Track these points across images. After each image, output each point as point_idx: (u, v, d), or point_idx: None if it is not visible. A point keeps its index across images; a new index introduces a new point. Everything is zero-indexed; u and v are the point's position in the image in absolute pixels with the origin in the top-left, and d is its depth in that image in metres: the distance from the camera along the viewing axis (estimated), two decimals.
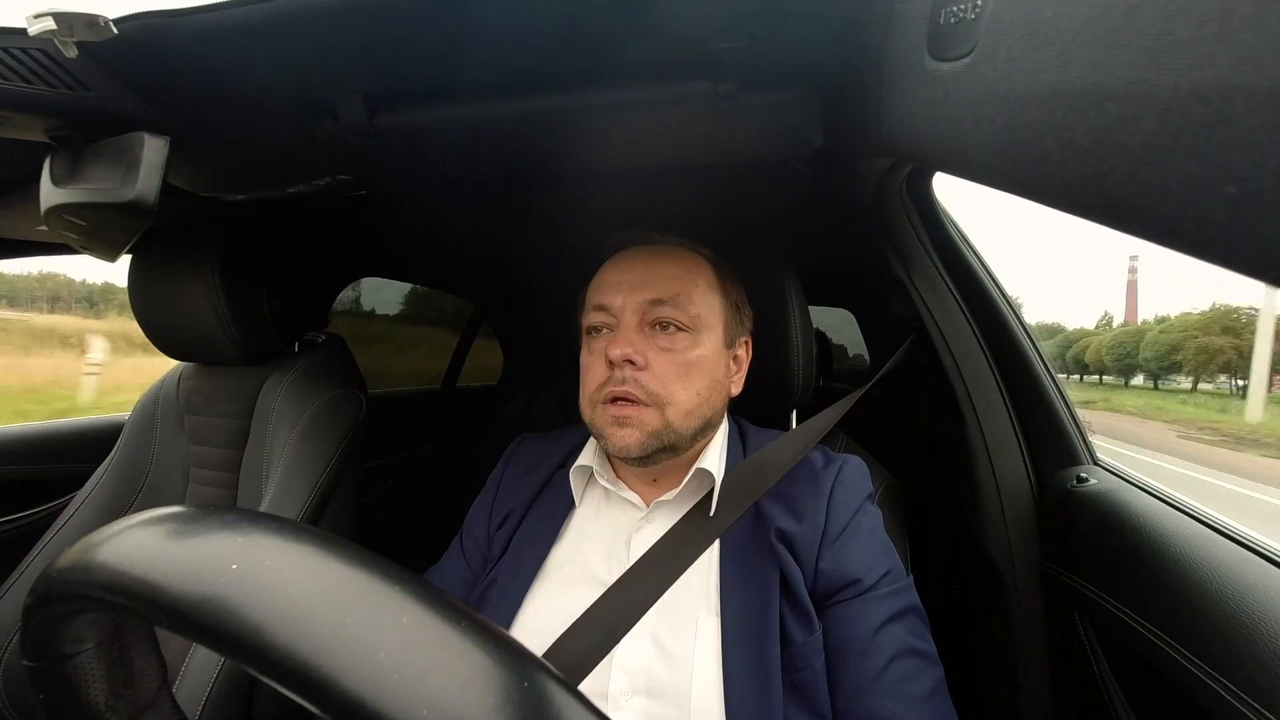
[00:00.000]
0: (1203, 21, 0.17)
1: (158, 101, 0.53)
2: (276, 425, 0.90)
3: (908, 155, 0.53)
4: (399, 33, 0.45)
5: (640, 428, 0.57)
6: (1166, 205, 0.19)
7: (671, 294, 0.60)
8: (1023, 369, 0.85)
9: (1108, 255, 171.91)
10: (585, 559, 0.61)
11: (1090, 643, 0.68)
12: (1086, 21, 0.21)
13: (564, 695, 0.19)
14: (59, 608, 0.23)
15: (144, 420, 0.99)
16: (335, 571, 0.20)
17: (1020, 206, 14.83)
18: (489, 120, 0.57)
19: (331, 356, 1.00)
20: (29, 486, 1.08)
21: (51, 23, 0.40)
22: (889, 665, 0.51)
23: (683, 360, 0.59)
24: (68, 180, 0.55)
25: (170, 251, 0.88)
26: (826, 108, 0.55)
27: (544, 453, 0.72)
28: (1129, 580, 0.62)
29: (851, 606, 0.54)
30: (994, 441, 0.84)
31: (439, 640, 0.19)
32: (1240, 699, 0.46)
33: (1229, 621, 0.49)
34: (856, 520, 0.58)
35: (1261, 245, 0.17)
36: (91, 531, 0.23)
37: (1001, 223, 20.57)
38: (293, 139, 0.64)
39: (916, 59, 0.35)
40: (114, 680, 0.27)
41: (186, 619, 0.19)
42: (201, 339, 0.89)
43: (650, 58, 0.48)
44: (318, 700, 0.17)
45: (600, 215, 1.03)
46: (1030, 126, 0.25)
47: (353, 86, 0.53)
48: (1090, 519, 0.71)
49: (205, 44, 0.46)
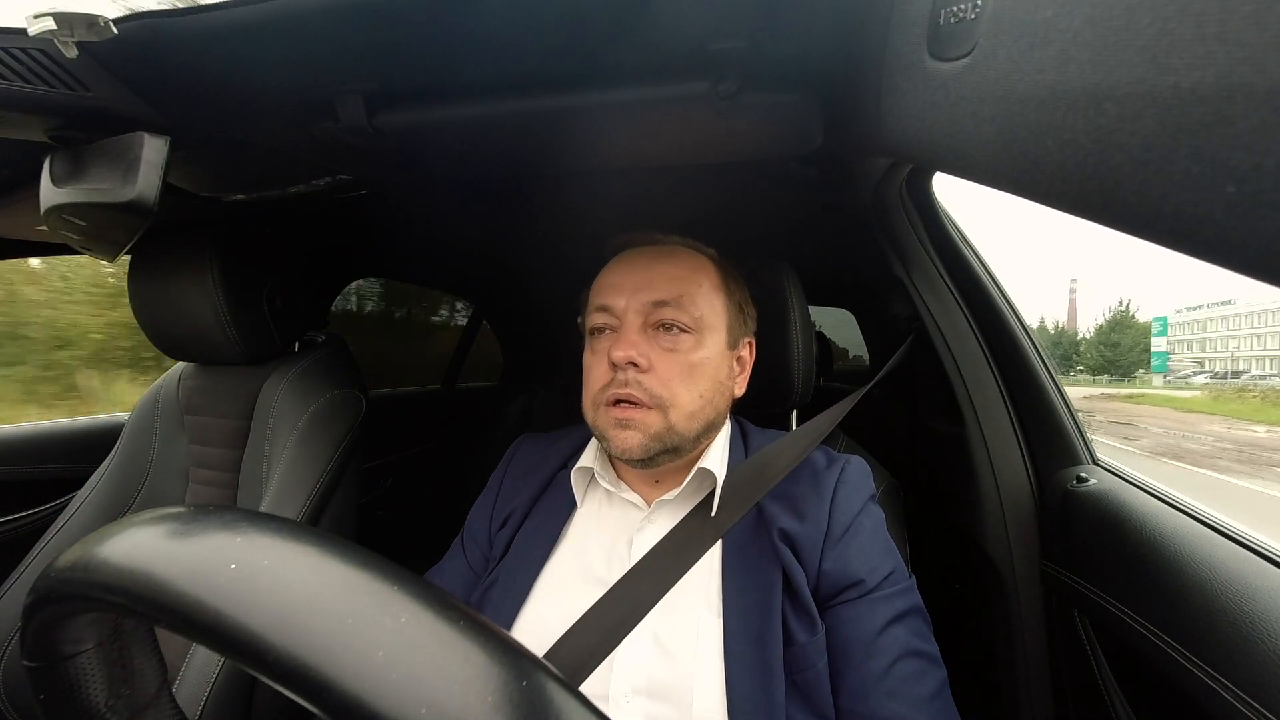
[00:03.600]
0: (1203, 21, 0.17)
1: (158, 101, 0.53)
2: (276, 425, 0.90)
3: (908, 155, 0.53)
4: (399, 33, 0.45)
5: (643, 430, 0.57)
6: (1166, 205, 0.19)
7: (675, 295, 0.60)
8: (1023, 369, 0.85)
9: (1055, 275, 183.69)
10: (587, 560, 0.61)
11: (1090, 642, 0.68)
12: (1086, 21, 0.21)
13: (563, 695, 0.19)
14: (59, 608, 0.23)
15: (144, 420, 0.99)
16: (335, 571, 0.20)
17: (979, 220, 14.74)
18: (489, 120, 0.57)
19: (331, 356, 1.00)
20: (29, 486, 1.08)
21: (51, 23, 0.40)
22: (892, 666, 0.51)
23: (686, 362, 0.59)
24: (68, 180, 0.55)
25: (170, 251, 0.88)
26: (826, 108, 0.55)
27: (545, 453, 0.72)
28: (1129, 580, 0.62)
29: (854, 607, 0.54)
30: (994, 441, 0.84)
31: (438, 640, 0.19)
32: (1240, 699, 0.46)
33: (1229, 621, 0.49)
34: (859, 521, 0.58)
35: (1261, 245, 0.17)
36: (91, 531, 0.23)
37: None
38: (293, 139, 0.64)
39: (916, 59, 0.35)
40: (114, 680, 0.27)
41: (186, 619, 0.19)
42: (201, 339, 0.89)
43: (650, 58, 0.48)
44: (317, 700, 0.17)
45: (600, 215, 1.03)
46: (1030, 126, 0.25)
47: (353, 86, 0.53)
48: (1090, 519, 0.71)
49: (205, 44, 0.46)
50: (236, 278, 0.88)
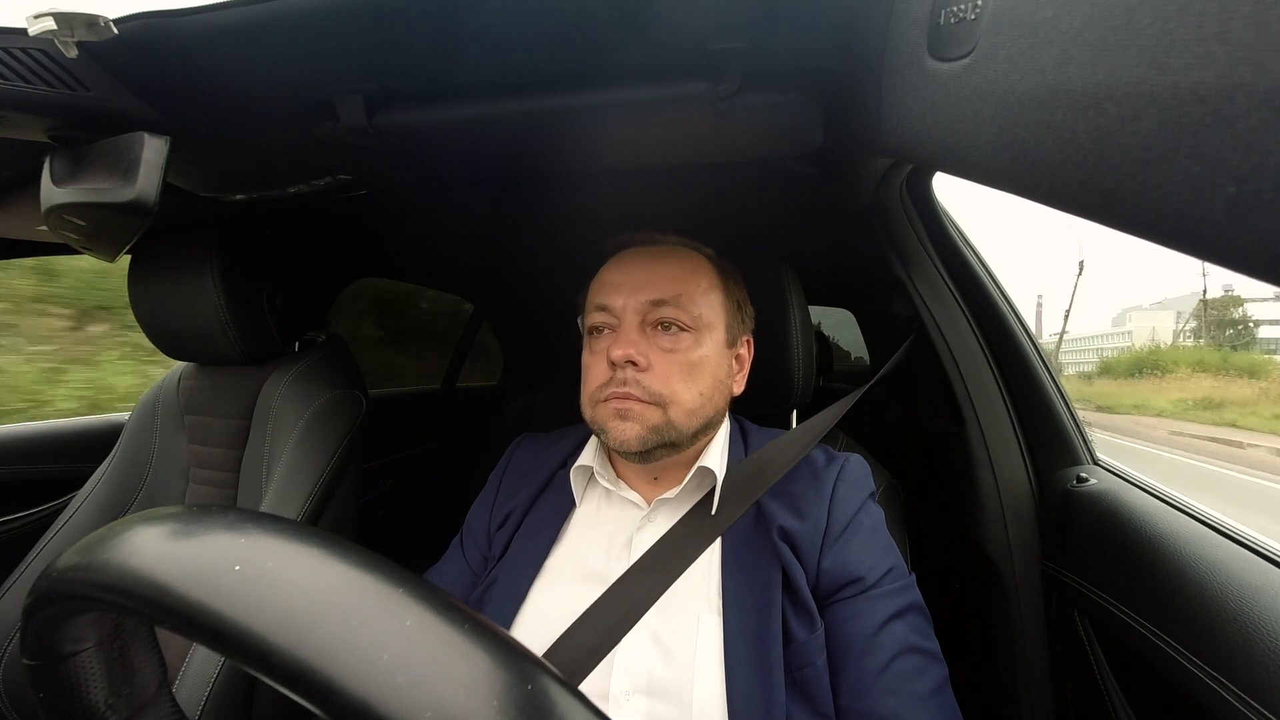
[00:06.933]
0: (1203, 21, 0.17)
1: (158, 101, 0.53)
2: (277, 425, 0.90)
3: (908, 155, 0.53)
4: (399, 33, 0.45)
5: (641, 422, 0.57)
6: (1166, 205, 0.19)
7: (673, 294, 0.60)
8: (1023, 369, 0.85)
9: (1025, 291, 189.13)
10: (586, 558, 0.61)
11: (1090, 642, 0.68)
12: (1086, 21, 0.21)
13: (566, 697, 0.19)
14: (59, 607, 0.23)
15: (144, 420, 0.99)
16: (338, 573, 0.20)
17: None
18: (489, 120, 0.57)
19: (332, 356, 1.00)
20: (29, 486, 1.08)
21: (51, 23, 0.40)
22: (891, 663, 0.51)
23: (685, 360, 0.59)
24: (68, 180, 0.55)
25: (170, 251, 0.88)
26: (826, 108, 0.55)
27: (545, 452, 0.72)
28: (1129, 580, 0.62)
29: (853, 604, 0.54)
30: (994, 441, 0.84)
31: (442, 642, 0.19)
32: (1240, 699, 0.46)
33: (1229, 621, 0.49)
34: (858, 518, 0.58)
35: (1261, 245, 0.17)
36: (92, 531, 0.23)
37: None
38: (293, 139, 0.64)
39: (916, 59, 0.35)
40: (114, 680, 0.27)
41: (188, 620, 0.19)
42: (201, 339, 0.89)
43: (650, 58, 0.48)
44: (321, 702, 0.17)
45: (600, 215, 1.03)
46: (1030, 126, 0.25)
47: (353, 86, 0.53)
48: (1090, 519, 0.71)
49: (205, 44, 0.46)
50: (236, 278, 0.88)
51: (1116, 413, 21.58)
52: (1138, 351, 35.89)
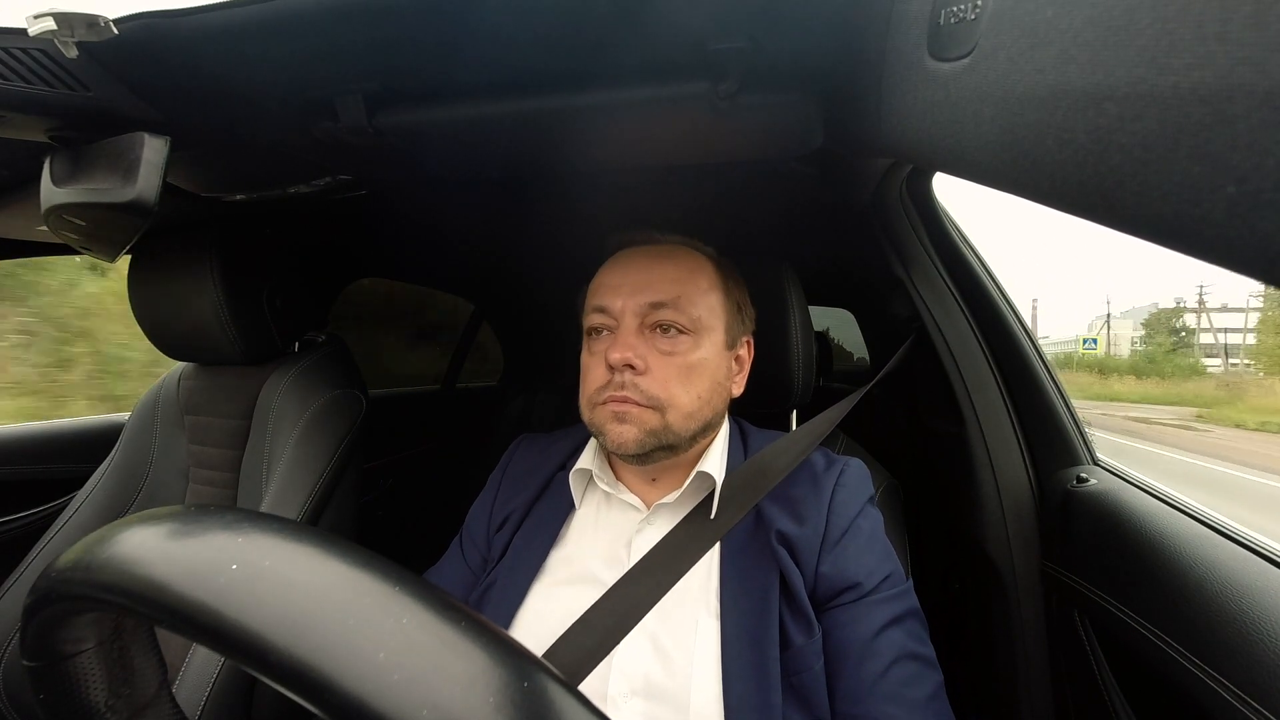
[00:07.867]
0: (1203, 21, 0.17)
1: (158, 102, 0.53)
2: (276, 425, 0.89)
3: (907, 155, 0.53)
4: (399, 33, 0.45)
5: (639, 425, 0.57)
6: (1166, 205, 0.19)
7: (672, 296, 0.59)
8: (1023, 369, 0.85)
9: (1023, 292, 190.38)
10: (585, 561, 0.61)
11: (1090, 642, 0.68)
12: (1086, 21, 0.21)
13: (565, 695, 0.19)
14: (59, 607, 0.23)
15: (144, 420, 0.99)
16: (336, 572, 0.20)
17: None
18: (489, 120, 0.57)
19: (332, 356, 1.00)
20: (29, 486, 1.08)
21: (51, 23, 0.40)
22: (888, 669, 0.51)
23: (684, 363, 0.59)
24: (68, 180, 0.55)
25: (170, 251, 0.88)
26: (826, 108, 0.54)
27: (544, 454, 0.72)
28: (1129, 580, 0.62)
29: (851, 610, 0.53)
30: (994, 441, 0.84)
31: (440, 641, 0.19)
32: (1240, 699, 0.46)
33: (1229, 621, 0.49)
34: (857, 524, 0.58)
35: (1261, 245, 0.17)
36: (91, 531, 0.23)
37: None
38: (293, 139, 0.64)
39: (916, 59, 0.35)
40: (114, 680, 0.27)
41: (187, 619, 0.19)
42: (201, 339, 0.89)
43: (650, 58, 0.48)
44: (318, 701, 0.17)
45: (600, 215, 1.03)
46: (1030, 126, 0.25)
47: (353, 86, 0.53)
48: (1090, 519, 0.71)
49: (205, 44, 0.46)
50: (236, 278, 0.88)
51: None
52: (1085, 353, 44.75)
